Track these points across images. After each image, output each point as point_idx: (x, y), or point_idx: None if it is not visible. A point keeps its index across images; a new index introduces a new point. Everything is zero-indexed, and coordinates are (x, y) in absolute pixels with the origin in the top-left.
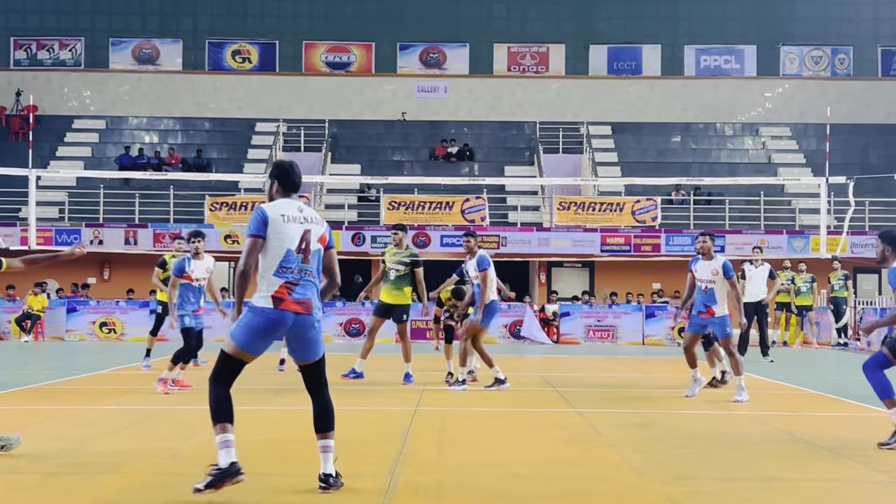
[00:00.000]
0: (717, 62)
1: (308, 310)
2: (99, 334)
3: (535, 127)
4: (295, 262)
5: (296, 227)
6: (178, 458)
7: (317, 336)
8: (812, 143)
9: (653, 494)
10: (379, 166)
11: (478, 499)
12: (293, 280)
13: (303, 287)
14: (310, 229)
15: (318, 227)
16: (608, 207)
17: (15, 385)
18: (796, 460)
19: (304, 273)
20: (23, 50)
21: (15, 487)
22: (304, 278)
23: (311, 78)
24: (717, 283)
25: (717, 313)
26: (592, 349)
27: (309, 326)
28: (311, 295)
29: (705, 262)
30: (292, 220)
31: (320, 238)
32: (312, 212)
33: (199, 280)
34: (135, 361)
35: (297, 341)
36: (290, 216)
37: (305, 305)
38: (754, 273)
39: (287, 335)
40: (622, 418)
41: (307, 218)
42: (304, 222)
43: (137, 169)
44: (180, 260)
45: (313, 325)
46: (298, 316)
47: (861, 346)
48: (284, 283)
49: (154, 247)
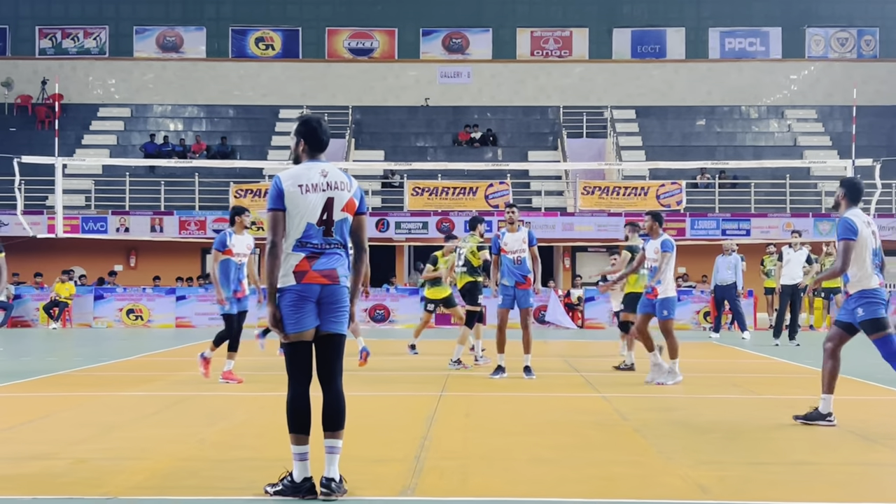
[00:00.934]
0: (742, 45)
1: (334, 280)
2: (126, 321)
3: (559, 111)
4: (316, 236)
5: (316, 197)
6: (205, 443)
7: (342, 309)
8: (838, 126)
9: (679, 479)
10: (402, 152)
11: (503, 483)
12: (316, 252)
13: (327, 258)
14: (333, 197)
15: (344, 192)
16: (633, 192)
17: (44, 372)
18: (823, 444)
19: (328, 245)
20: (48, 39)
21: (46, 473)
22: (329, 251)
23: (334, 64)
24: (658, 260)
25: (660, 294)
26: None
27: (332, 298)
28: (338, 265)
29: (652, 241)
30: (312, 190)
31: (346, 205)
32: (340, 175)
33: (240, 256)
34: (161, 348)
35: (324, 311)
36: (310, 185)
37: (331, 276)
38: (793, 256)
39: (317, 309)
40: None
41: (331, 183)
42: (328, 189)
43: (162, 156)
44: (222, 234)
45: (344, 296)
46: (325, 287)
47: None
48: (305, 256)
49: (179, 234)
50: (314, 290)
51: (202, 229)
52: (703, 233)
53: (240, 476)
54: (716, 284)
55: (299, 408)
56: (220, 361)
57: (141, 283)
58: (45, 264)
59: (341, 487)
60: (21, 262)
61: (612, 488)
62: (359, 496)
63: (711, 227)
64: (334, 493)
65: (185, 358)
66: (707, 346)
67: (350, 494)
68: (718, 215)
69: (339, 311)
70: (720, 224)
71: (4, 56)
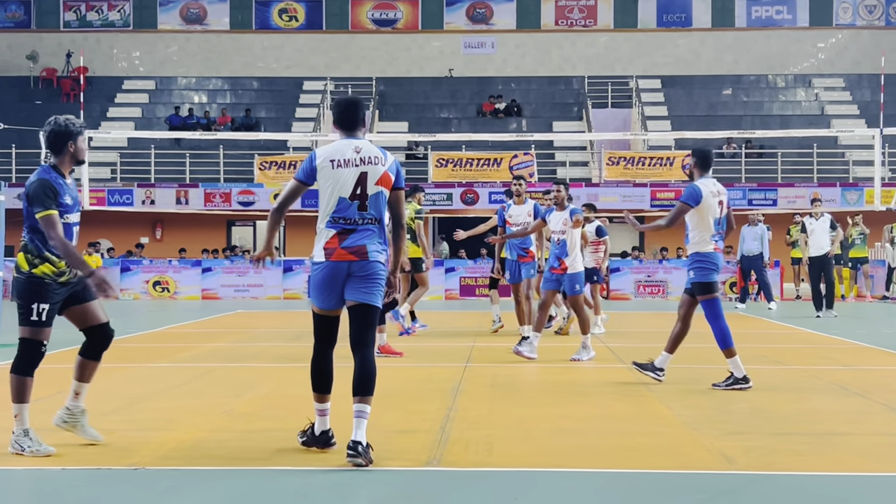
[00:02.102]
0: (769, 12)
1: (363, 255)
2: (153, 293)
3: (584, 81)
4: (349, 210)
5: (349, 172)
6: (232, 414)
7: (372, 281)
8: (866, 94)
9: (704, 449)
10: (426, 123)
11: (528, 453)
12: (347, 229)
13: (358, 234)
14: (366, 171)
15: (378, 167)
16: (658, 162)
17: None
18: (850, 415)
19: (361, 220)
20: (72, 11)
21: (74, 444)
22: (362, 226)
23: (358, 35)
24: (567, 233)
25: (569, 269)
26: (643, 304)
27: (362, 271)
28: (368, 241)
29: (558, 213)
30: (345, 165)
31: (381, 179)
32: (374, 150)
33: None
34: (187, 320)
35: (355, 282)
36: (343, 160)
37: (359, 252)
38: (816, 226)
39: (346, 283)
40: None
41: (365, 159)
42: (361, 164)
43: (187, 129)
44: None
45: (375, 269)
46: (353, 263)
47: None
48: (336, 233)
49: (205, 206)
50: (342, 267)
51: (227, 201)
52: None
53: (266, 447)
54: (742, 255)
55: (320, 369)
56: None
57: (167, 256)
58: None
59: (367, 453)
60: None
61: (637, 459)
62: (384, 467)
63: (738, 197)
64: (360, 457)
65: (212, 329)
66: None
67: (376, 465)
68: (745, 185)
69: (370, 282)
70: (746, 194)
71: (29, 29)
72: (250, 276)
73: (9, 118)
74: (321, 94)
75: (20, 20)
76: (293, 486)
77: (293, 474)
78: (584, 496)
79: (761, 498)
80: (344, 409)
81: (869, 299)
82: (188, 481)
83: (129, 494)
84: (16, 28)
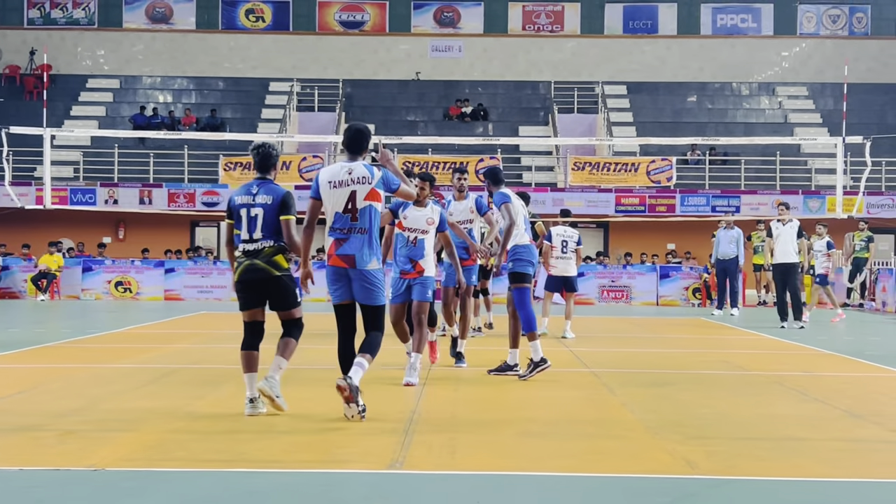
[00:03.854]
0: (734, 21)
1: (351, 264)
2: (114, 293)
3: (550, 86)
4: (342, 221)
5: (341, 192)
6: (194, 415)
7: (371, 286)
8: (829, 103)
9: (667, 454)
10: (393, 126)
11: (491, 457)
12: (341, 238)
13: (350, 243)
14: (356, 190)
15: (366, 186)
16: (623, 167)
17: (32, 343)
18: (811, 420)
19: (352, 230)
20: (36, 8)
21: (35, 444)
22: (352, 235)
23: (325, 37)
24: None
25: (425, 271)
26: (606, 309)
27: (357, 277)
28: (356, 250)
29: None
30: (339, 185)
31: (369, 195)
32: (364, 171)
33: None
34: (150, 320)
35: (355, 287)
36: (338, 181)
37: (349, 260)
38: (783, 231)
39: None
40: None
41: (355, 179)
42: (351, 184)
43: (152, 128)
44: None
45: (363, 275)
46: (349, 270)
47: (876, 306)
48: (334, 240)
49: (169, 206)
50: (341, 271)
51: (191, 202)
52: (693, 209)
53: (229, 448)
54: (717, 258)
55: (344, 355)
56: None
57: (130, 256)
58: (33, 235)
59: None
60: (9, 234)
61: (601, 463)
62: (347, 469)
63: (701, 203)
64: (348, 393)
65: (175, 331)
66: (696, 323)
67: (339, 467)
68: (708, 192)
69: (366, 287)
70: (710, 200)
71: None
72: (213, 277)
73: None
74: (287, 96)
75: None
76: (255, 487)
77: (255, 476)
78: (548, 499)
79: (723, 502)
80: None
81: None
82: (149, 482)
83: (88, 495)
84: None
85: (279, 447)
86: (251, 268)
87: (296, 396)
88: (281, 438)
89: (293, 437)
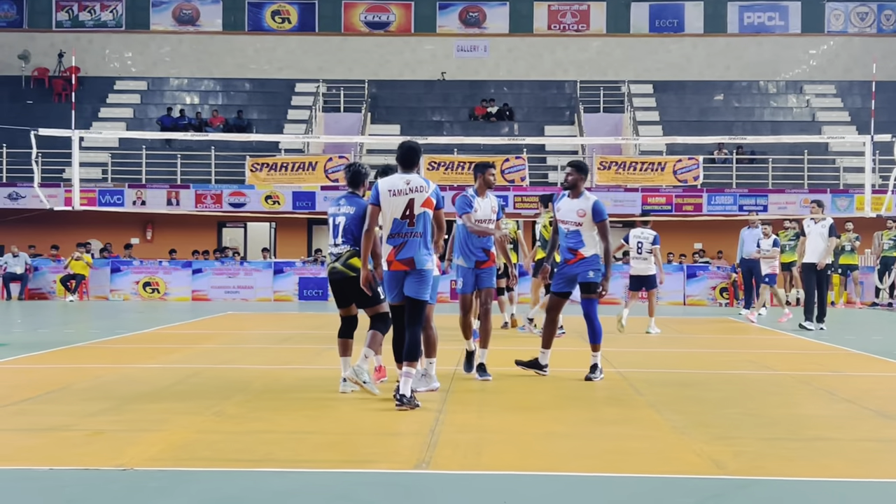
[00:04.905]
0: (761, 19)
1: (411, 265)
2: (143, 294)
3: (576, 86)
4: (401, 227)
5: (400, 199)
6: (221, 415)
7: (422, 282)
8: (857, 101)
9: (693, 454)
10: (419, 126)
11: (517, 457)
12: (400, 243)
13: (408, 247)
14: (413, 198)
15: (423, 194)
16: (649, 167)
17: (61, 344)
18: (839, 420)
19: (409, 234)
20: (65, 11)
21: (64, 445)
22: (410, 239)
23: (351, 38)
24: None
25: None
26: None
27: (414, 276)
28: (415, 252)
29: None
30: (398, 194)
31: (424, 203)
32: (420, 181)
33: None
34: (177, 321)
35: (409, 282)
36: (397, 190)
37: (408, 262)
38: (813, 229)
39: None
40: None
41: (413, 188)
42: (409, 193)
43: (179, 130)
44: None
45: (420, 274)
46: (407, 271)
47: None
48: (393, 248)
49: (196, 207)
50: (399, 275)
51: (218, 203)
52: (720, 208)
53: (256, 448)
54: (741, 258)
55: (398, 345)
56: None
57: (157, 257)
58: (62, 237)
59: (412, 400)
60: (38, 235)
61: (627, 463)
62: (374, 469)
63: (728, 202)
64: (405, 405)
65: (202, 331)
66: (723, 322)
67: (365, 467)
68: (735, 191)
69: (418, 282)
70: (737, 200)
71: (21, 29)
72: (240, 277)
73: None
74: (313, 96)
75: (12, 20)
76: (282, 487)
77: (282, 475)
78: (573, 500)
79: (750, 502)
80: None
81: (858, 305)
82: (177, 482)
83: (117, 495)
84: (8, 28)
85: (306, 447)
86: (333, 270)
87: (322, 396)
88: (307, 438)
89: (320, 438)
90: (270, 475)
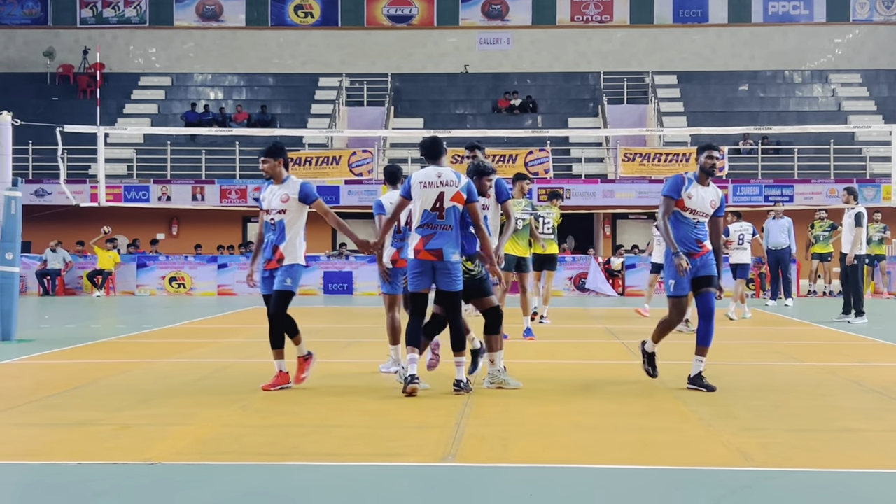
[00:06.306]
0: (786, 8)
1: (439, 257)
2: (169, 289)
3: (599, 77)
4: (430, 218)
5: (431, 191)
6: (248, 409)
7: (452, 274)
8: (883, 90)
9: (721, 446)
10: (442, 119)
11: (543, 449)
12: (429, 234)
13: (437, 238)
14: (444, 191)
15: (453, 188)
16: (674, 158)
17: (88, 339)
18: (867, 411)
19: (439, 227)
20: (89, 8)
21: (92, 439)
22: (439, 231)
23: (373, 32)
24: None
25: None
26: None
27: (441, 267)
28: (444, 244)
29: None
30: (429, 186)
31: (454, 196)
32: (452, 175)
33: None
34: (203, 316)
35: (438, 277)
36: (429, 182)
37: (437, 253)
38: (844, 218)
39: (433, 274)
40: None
41: (444, 181)
42: (440, 186)
43: (203, 125)
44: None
45: (447, 266)
46: (435, 262)
47: None
48: (422, 237)
49: (221, 202)
50: (427, 263)
51: (243, 198)
52: (746, 199)
53: (282, 441)
54: (768, 248)
55: (412, 333)
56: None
57: (183, 252)
58: (88, 233)
59: (468, 386)
60: (64, 231)
61: (653, 455)
62: (400, 462)
63: (754, 193)
64: (462, 390)
65: (228, 325)
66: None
67: (391, 460)
68: (761, 181)
69: (448, 276)
70: (763, 190)
71: (46, 26)
72: None
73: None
74: (337, 91)
75: (37, 17)
76: (308, 480)
77: (308, 469)
78: (600, 492)
79: (778, 494)
80: None
81: (886, 296)
82: (204, 475)
83: (145, 489)
84: (32, 25)
85: (332, 440)
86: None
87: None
88: (333, 432)
89: (346, 431)
90: (297, 468)
